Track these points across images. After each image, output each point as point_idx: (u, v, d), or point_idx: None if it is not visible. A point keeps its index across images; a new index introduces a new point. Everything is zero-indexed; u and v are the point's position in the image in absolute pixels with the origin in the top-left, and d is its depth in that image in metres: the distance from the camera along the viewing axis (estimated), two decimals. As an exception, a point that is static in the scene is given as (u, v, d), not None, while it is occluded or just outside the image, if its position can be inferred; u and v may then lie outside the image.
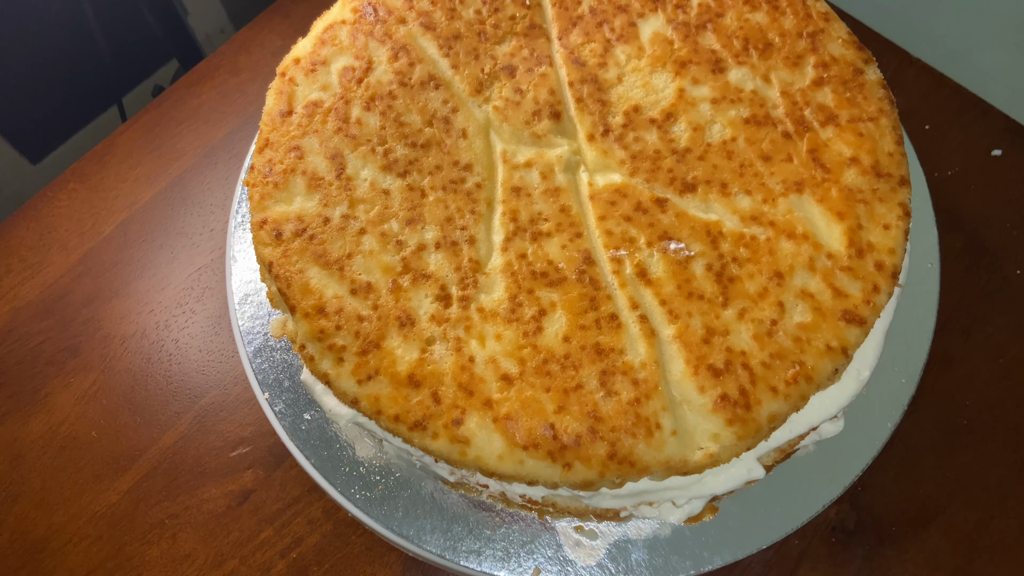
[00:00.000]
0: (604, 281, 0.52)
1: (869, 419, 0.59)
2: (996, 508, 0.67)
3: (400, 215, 0.54)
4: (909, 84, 0.85)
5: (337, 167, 0.55)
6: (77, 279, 0.79)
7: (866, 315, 0.50)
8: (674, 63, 0.58)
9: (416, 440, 0.49)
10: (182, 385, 0.73)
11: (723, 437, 0.47)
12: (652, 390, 0.48)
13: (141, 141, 0.86)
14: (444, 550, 0.56)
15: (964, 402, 0.70)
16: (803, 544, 0.66)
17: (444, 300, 0.52)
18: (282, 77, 0.59)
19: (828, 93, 0.57)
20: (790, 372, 0.48)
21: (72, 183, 0.84)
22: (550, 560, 0.55)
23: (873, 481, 0.67)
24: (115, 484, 0.70)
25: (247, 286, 0.64)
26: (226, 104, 0.88)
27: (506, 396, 0.48)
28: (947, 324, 0.72)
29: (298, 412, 0.60)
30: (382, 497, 0.57)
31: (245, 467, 0.70)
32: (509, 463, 0.47)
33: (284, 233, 0.53)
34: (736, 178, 0.55)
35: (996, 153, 0.81)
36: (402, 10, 0.60)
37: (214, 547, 0.67)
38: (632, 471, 0.47)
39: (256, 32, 0.92)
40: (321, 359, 0.51)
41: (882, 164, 0.54)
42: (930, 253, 0.64)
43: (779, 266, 0.51)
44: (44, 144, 0.92)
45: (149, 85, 0.99)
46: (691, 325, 0.50)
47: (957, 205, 0.78)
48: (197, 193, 0.83)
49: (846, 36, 0.59)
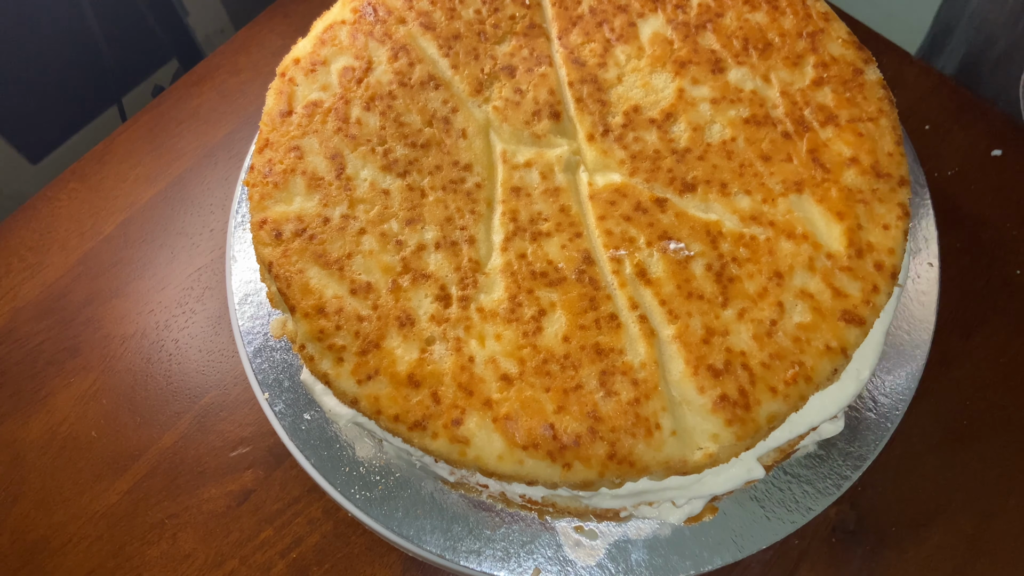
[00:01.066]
0: (604, 281, 0.52)
1: (869, 419, 0.59)
2: (996, 508, 0.67)
3: (400, 215, 0.54)
4: (909, 84, 0.85)
5: (337, 167, 0.55)
6: (77, 279, 0.79)
7: (865, 315, 0.50)
8: (674, 63, 0.58)
9: (416, 440, 0.49)
10: (182, 385, 0.74)
11: (722, 437, 0.47)
12: (652, 390, 0.48)
13: (141, 141, 0.86)
14: (444, 550, 0.56)
15: (964, 402, 0.70)
16: (803, 544, 0.66)
17: (444, 300, 0.52)
18: (282, 77, 0.59)
19: (828, 93, 0.57)
20: (789, 372, 0.48)
21: (72, 183, 0.84)
22: (550, 560, 0.55)
23: (873, 481, 0.67)
24: (115, 484, 0.70)
25: (247, 286, 0.64)
26: (226, 104, 0.88)
27: (506, 396, 0.48)
28: (947, 324, 0.72)
29: (298, 412, 0.60)
30: (382, 497, 0.57)
31: (245, 467, 0.70)
32: (509, 463, 0.47)
33: (284, 233, 0.53)
34: (736, 178, 0.55)
35: (996, 153, 0.81)
36: (402, 10, 0.60)
37: (214, 547, 0.67)
38: (632, 471, 0.47)
39: (256, 32, 0.92)
40: (321, 359, 0.51)
41: (882, 164, 0.54)
42: (930, 253, 0.64)
43: (779, 266, 0.51)
44: (44, 144, 0.92)
45: (149, 85, 0.99)
46: (691, 325, 0.50)
47: (957, 205, 0.78)
48: (197, 193, 0.83)
49: (846, 36, 0.59)
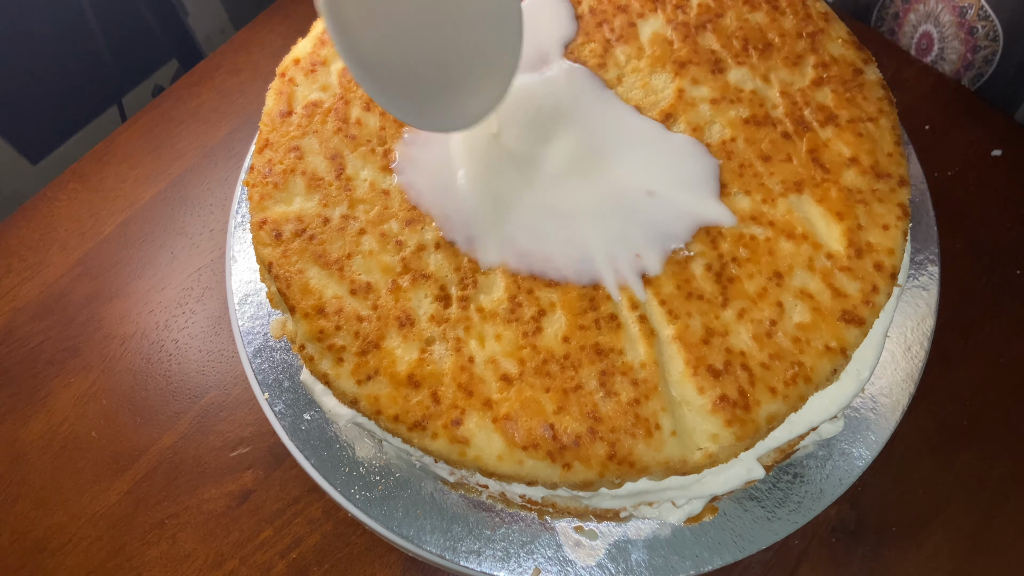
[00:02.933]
0: (603, 281, 0.52)
1: (869, 419, 0.59)
2: (996, 508, 0.67)
3: (400, 215, 0.54)
4: (909, 84, 0.85)
5: (337, 167, 0.55)
6: (77, 279, 0.79)
7: (865, 315, 0.50)
8: (674, 63, 0.58)
9: (416, 440, 0.49)
10: (182, 385, 0.74)
11: (722, 437, 0.47)
12: (651, 390, 0.48)
13: (141, 141, 0.86)
14: (444, 550, 0.56)
15: (964, 402, 0.70)
16: (803, 544, 0.66)
17: (444, 300, 0.52)
18: (282, 77, 0.59)
19: (828, 93, 0.57)
20: (789, 373, 0.48)
21: (72, 183, 0.84)
22: (550, 560, 0.55)
23: (873, 481, 0.66)
24: (115, 484, 0.70)
25: (247, 286, 0.64)
26: (226, 104, 0.88)
27: (506, 396, 0.48)
28: (947, 324, 0.72)
29: (298, 412, 0.60)
30: (382, 497, 0.57)
31: (245, 467, 0.70)
32: (508, 463, 0.47)
33: (284, 233, 0.53)
34: (735, 178, 0.55)
35: (996, 153, 0.81)
36: (402, 10, 0.60)
37: (214, 547, 0.67)
38: (631, 471, 0.47)
39: (256, 32, 0.92)
40: (321, 359, 0.51)
41: (881, 164, 0.54)
42: (930, 253, 0.64)
43: (778, 266, 0.51)
44: (44, 144, 0.92)
45: (149, 85, 0.99)
46: (691, 325, 0.50)
47: (957, 205, 0.78)
48: (197, 193, 0.83)
49: (846, 36, 0.59)
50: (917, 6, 0.76)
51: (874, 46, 0.77)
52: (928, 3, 0.75)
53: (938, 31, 0.76)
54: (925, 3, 0.75)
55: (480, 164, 0.56)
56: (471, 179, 0.55)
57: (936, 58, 0.83)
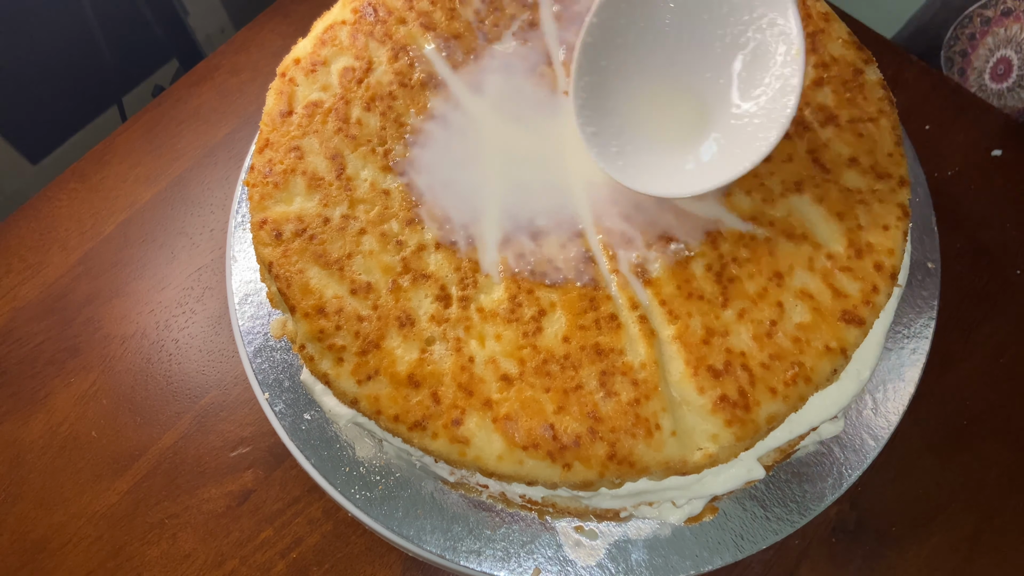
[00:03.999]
0: (603, 281, 0.52)
1: (869, 419, 0.59)
2: (996, 508, 0.67)
3: (400, 215, 0.54)
4: (909, 84, 0.85)
5: (337, 167, 0.55)
6: (77, 279, 0.79)
7: (865, 315, 0.50)
8: (674, 63, 0.58)
9: (416, 440, 0.49)
10: (182, 385, 0.74)
11: (722, 438, 0.47)
12: (652, 391, 0.48)
13: (141, 141, 0.86)
14: (444, 550, 0.56)
15: (964, 402, 0.70)
16: (803, 544, 0.66)
17: (444, 300, 0.52)
18: (282, 77, 0.59)
19: (828, 93, 0.57)
20: (789, 373, 0.48)
21: (72, 183, 0.84)
22: (550, 560, 0.55)
23: (873, 481, 0.67)
24: (115, 484, 0.70)
25: (247, 286, 0.64)
26: (226, 104, 0.88)
27: (506, 396, 0.49)
28: (947, 324, 0.72)
29: (298, 412, 0.60)
30: (382, 497, 0.57)
31: (245, 467, 0.70)
32: (509, 463, 0.47)
33: (284, 233, 0.53)
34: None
35: (996, 153, 0.81)
36: (402, 10, 0.60)
37: (214, 547, 0.67)
38: (631, 471, 0.47)
39: (256, 32, 0.92)
40: (321, 359, 0.51)
41: (881, 164, 0.54)
42: (930, 253, 0.64)
43: (778, 266, 0.51)
44: (44, 144, 0.92)
45: (149, 85, 0.99)
46: (691, 325, 0.50)
47: (957, 205, 0.78)
48: (197, 193, 0.83)
49: (846, 36, 0.59)
50: (997, 29, 0.73)
51: (874, 46, 0.77)
52: (1011, 28, 0.72)
53: (1019, 57, 0.73)
54: (1007, 28, 0.72)
55: (481, 164, 0.56)
56: (471, 179, 0.55)
57: (1013, 85, 0.78)
